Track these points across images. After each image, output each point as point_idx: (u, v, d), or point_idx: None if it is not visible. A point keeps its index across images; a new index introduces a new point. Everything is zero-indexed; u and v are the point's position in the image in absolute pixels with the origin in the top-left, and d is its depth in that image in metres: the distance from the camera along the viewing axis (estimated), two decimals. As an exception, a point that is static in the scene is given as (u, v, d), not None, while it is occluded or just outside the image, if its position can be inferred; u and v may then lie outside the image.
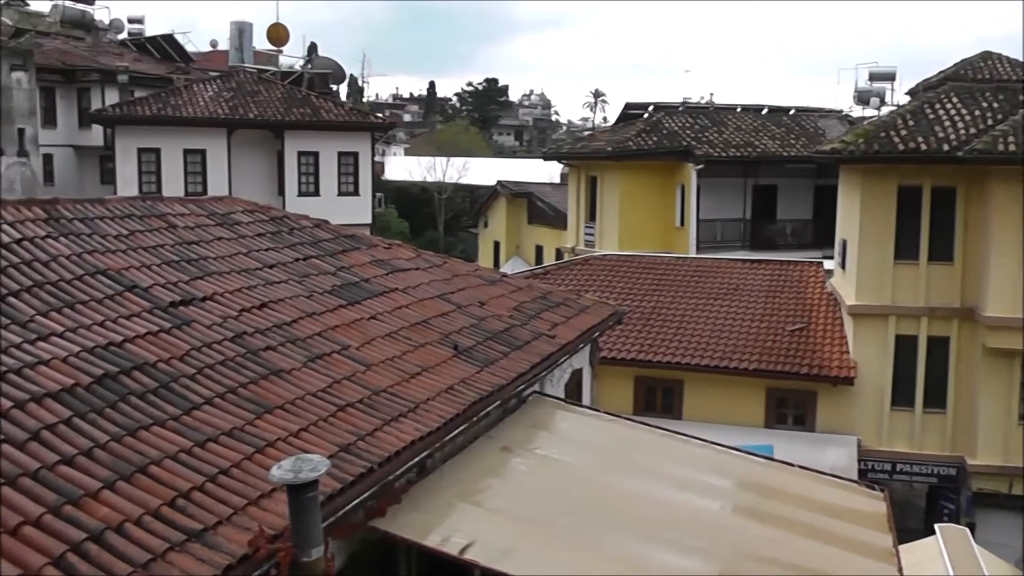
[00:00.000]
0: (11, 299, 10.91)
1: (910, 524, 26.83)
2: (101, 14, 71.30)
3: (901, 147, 28.49)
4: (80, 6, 69.44)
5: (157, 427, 9.29)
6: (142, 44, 69.89)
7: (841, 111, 52.51)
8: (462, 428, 12.42)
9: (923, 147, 28.39)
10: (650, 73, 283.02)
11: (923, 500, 32.08)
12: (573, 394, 19.41)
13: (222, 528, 8.02)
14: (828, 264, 34.42)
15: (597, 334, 20.87)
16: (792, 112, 49.95)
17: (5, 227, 12.75)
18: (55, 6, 69.39)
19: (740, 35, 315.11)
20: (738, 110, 49.47)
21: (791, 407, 30.10)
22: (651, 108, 50.22)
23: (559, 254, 52.58)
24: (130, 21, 75.42)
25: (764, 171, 45.11)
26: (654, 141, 45.04)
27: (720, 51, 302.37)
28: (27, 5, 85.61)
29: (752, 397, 29.91)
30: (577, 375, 20.21)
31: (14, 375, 9.27)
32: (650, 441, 16.23)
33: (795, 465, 16.55)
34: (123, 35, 73.25)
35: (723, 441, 17.08)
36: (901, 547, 13.95)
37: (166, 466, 8.67)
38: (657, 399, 30.89)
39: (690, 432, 17.46)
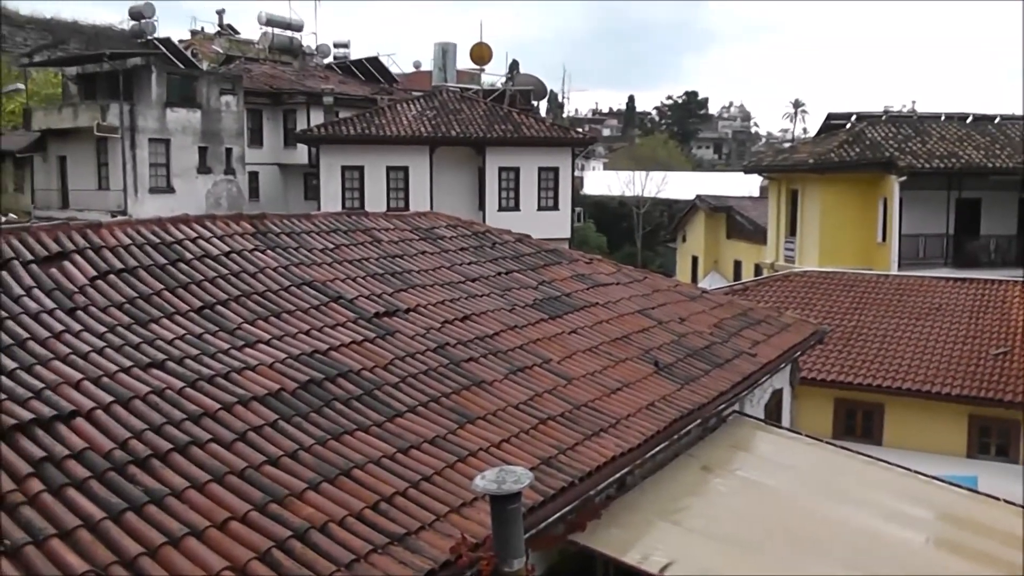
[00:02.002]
0: (220, 308, 11.25)
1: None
2: (308, 40, 73.54)
3: (1111, 156, 26.85)
4: (288, 33, 71.69)
5: (361, 432, 9.41)
6: (347, 67, 71.87)
7: (1049, 117, 50.20)
8: (662, 446, 12.24)
9: None
10: (851, 79, 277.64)
11: None
12: (773, 415, 19.02)
13: (424, 533, 8.05)
14: (1034, 283, 32.95)
15: (798, 353, 20.42)
16: (997, 120, 47.96)
17: (215, 240, 13.14)
18: (264, 33, 71.87)
19: (940, 37, 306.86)
20: (942, 118, 47.70)
21: (994, 436, 28.75)
22: (853, 118, 48.99)
23: (758, 269, 51.79)
24: (336, 46, 77.65)
25: (968, 183, 43.39)
26: (856, 152, 43.79)
27: (920, 54, 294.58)
28: (237, 34, 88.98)
29: (954, 424, 28.72)
30: (777, 395, 19.81)
31: (222, 379, 9.53)
32: (852, 467, 15.75)
33: (1000, 499, 15.82)
34: (329, 59, 75.37)
35: (924, 470, 16.45)
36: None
37: (369, 470, 8.77)
38: (857, 423, 29.99)
39: (890, 459, 16.88)
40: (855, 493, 14.50)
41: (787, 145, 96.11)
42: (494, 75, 64.64)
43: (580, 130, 72.84)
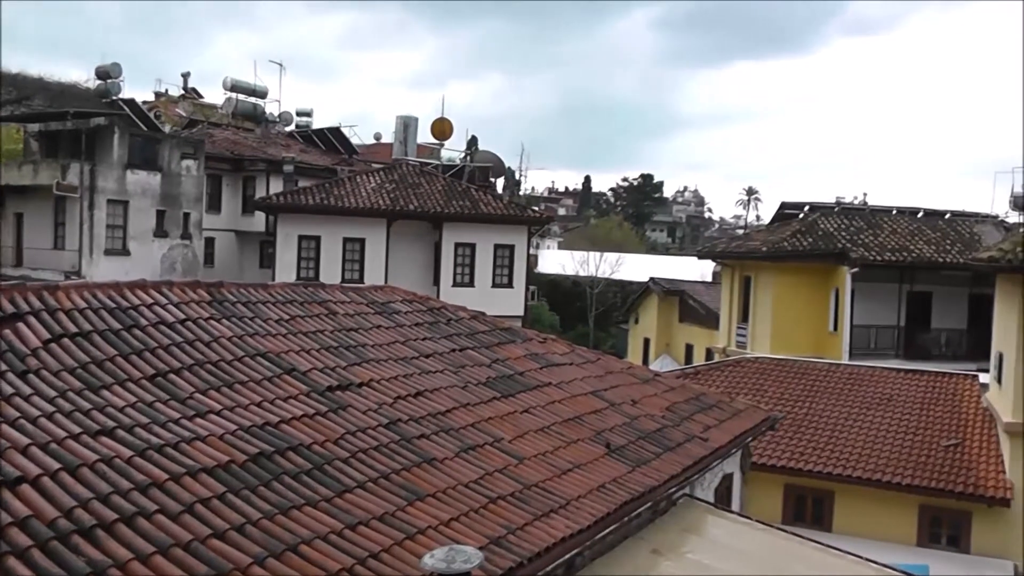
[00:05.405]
0: (172, 376, 11.17)
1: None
2: (272, 107, 73.78)
3: (1060, 257, 27.13)
4: (252, 100, 71.93)
5: (309, 507, 9.32)
6: (309, 136, 72.09)
7: (996, 216, 51.08)
8: (613, 528, 12.21)
9: (1083, 258, 27.00)
10: (805, 171, 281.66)
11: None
12: (723, 499, 19.05)
13: (371, 612, 7.96)
14: (984, 377, 33.22)
15: (749, 439, 20.50)
16: (947, 216, 48.71)
17: (170, 307, 13.09)
18: (228, 99, 72.03)
19: (893, 134, 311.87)
20: (893, 212, 48.47)
21: (945, 526, 28.86)
22: (806, 208, 49.67)
23: (709, 354, 52.09)
24: (299, 114, 77.98)
25: (919, 277, 44.01)
26: (809, 242, 44.43)
27: (872, 149, 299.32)
28: (201, 97, 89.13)
29: (905, 513, 28.82)
30: (727, 480, 19.86)
31: (171, 449, 9.42)
32: (803, 553, 15.77)
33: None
34: (291, 127, 75.62)
35: (875, 558, 16.51)
36: None
37: (317, 546, 8.66)
38: (807, 509, 30.04)
39: (840, 546, 16.92)
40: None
41: (740, 232, 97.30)
42: (454, 151, 65.07)
43: (536, 209, 73.40)
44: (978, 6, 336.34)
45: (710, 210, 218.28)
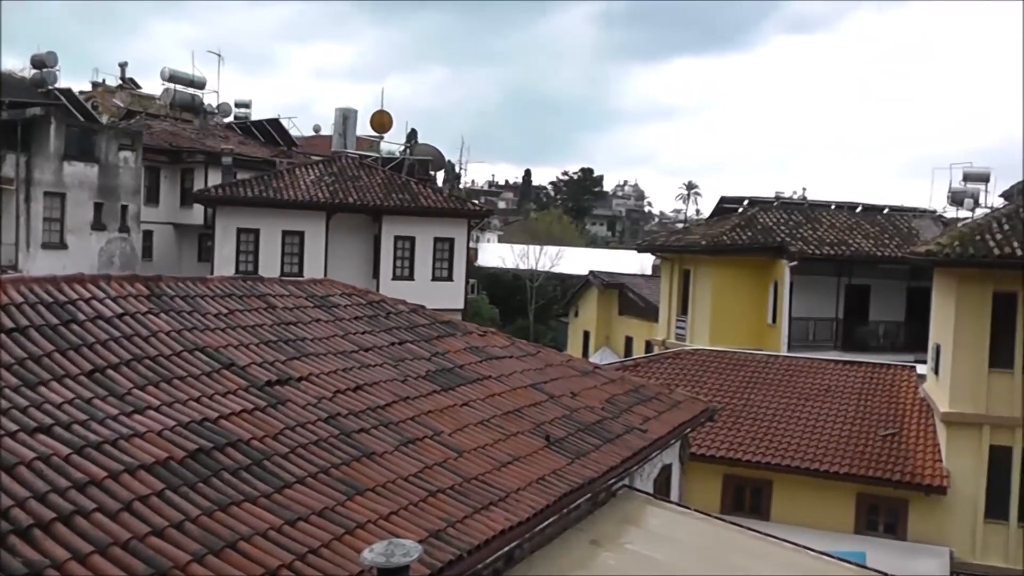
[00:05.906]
0: (110, 371, 11.05)
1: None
2: (210, 98, 73.13)
3: (996, 251, 27.71)
4: (190, 91, 71.24)
5: (248, 504, 9.29)
6: (248, 128, 71.47)
7: (935, 211, 51.86)
8: (552, 520, 12.27)
9: (1019, 252, 27.56)
10: (744, 168, 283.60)
11: (1019, 618, 30.92)
12: (662, 489, 19.18)
13: (310, 608, 7.95)
14: (921, 368, 33.71)
15: (688, 430, 20.66)
16: (886, 211, 49.36)
17: (108, 301, 12.96)
18: (166, 90, 71.28)
19: (832, 131, 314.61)
20: (832, 207, 49.12)
21: (882, 514, 29.36)
22: (746, 203, 50.11)
23: (649, 346, 52.38)
24: (237, 105, 77.21)
25: (858, 270, 44.59)
26: (748, 236, 44.90)
27: (811, 144, 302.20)
28: (139, 88, 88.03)
29: (842, 502, 29.26)
30: (667, 470, 19.98)
31: (109, 446, 9.33)
32: (742, 542, 15.92)
33: (888, 575, 16.12)
34: (230, 119, 74.92)
35: (812, 545, 16.68)
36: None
37: (256, 543, 8.63)
38: (745, 499, 30.37)
39: (778, 534, 17.09)
40: (744, 568, 14.66)
41: (680, 225, 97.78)
42: (393, 143, 64.94)
43: (476, 202, 73.39)
44: (916, 6, 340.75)
45: (650, 204, 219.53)
